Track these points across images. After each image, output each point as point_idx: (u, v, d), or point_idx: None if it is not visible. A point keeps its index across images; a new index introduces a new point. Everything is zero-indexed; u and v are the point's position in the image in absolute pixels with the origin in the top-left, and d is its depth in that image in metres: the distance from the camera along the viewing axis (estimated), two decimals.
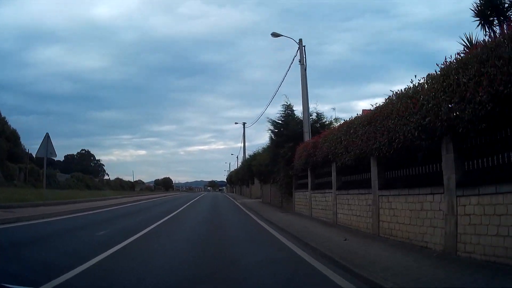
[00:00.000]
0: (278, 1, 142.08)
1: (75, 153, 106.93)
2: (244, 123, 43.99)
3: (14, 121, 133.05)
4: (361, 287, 4.88)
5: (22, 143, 45.28)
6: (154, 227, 11.53)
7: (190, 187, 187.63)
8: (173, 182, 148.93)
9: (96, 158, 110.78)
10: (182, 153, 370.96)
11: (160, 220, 13.84)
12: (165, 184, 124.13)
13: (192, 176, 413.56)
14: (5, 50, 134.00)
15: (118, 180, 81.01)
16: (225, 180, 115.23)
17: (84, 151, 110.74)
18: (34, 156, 32.00)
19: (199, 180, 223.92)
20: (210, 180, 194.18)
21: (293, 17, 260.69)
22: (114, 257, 6.66)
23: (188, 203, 27.74)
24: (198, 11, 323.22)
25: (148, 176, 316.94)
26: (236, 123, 44.14)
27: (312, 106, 18.72)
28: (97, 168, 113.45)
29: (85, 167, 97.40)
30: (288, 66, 19.51)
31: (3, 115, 40.88)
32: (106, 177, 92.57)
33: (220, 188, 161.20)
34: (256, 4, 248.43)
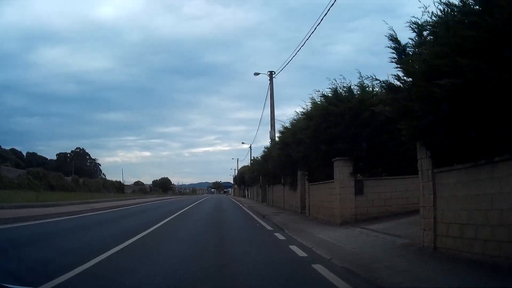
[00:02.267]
0: (284, 0, 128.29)
1: (69, 152, 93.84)
2: (271, 72, 27.25)
3: (18, 123, 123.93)
4: None
5: None
6: None
7: (193, 189, 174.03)
8: (175, 183, 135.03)
9: (92, 157, 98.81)
10: (187, 154, 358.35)
11: None
12: (162, 186, 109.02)
13: (197, 177, 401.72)
14: (8, 51, 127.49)
15: (102, 181, 66.33)
16: (232, 181, 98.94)
17: (79, 150, 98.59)
18: None
19: (203, 181, 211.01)
20: (214, 181, 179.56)
21: (299, 17, 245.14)
22: None
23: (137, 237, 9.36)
24: (203, 11, 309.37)
25: (152, 177, 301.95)
26: (256, 73, 28.42)
27: None
28: (94, 168, 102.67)
29: (79, 167, 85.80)
30: None
31: None
32: (102, 177, 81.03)
33: (225, 190, 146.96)
34: (261, 3, 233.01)
